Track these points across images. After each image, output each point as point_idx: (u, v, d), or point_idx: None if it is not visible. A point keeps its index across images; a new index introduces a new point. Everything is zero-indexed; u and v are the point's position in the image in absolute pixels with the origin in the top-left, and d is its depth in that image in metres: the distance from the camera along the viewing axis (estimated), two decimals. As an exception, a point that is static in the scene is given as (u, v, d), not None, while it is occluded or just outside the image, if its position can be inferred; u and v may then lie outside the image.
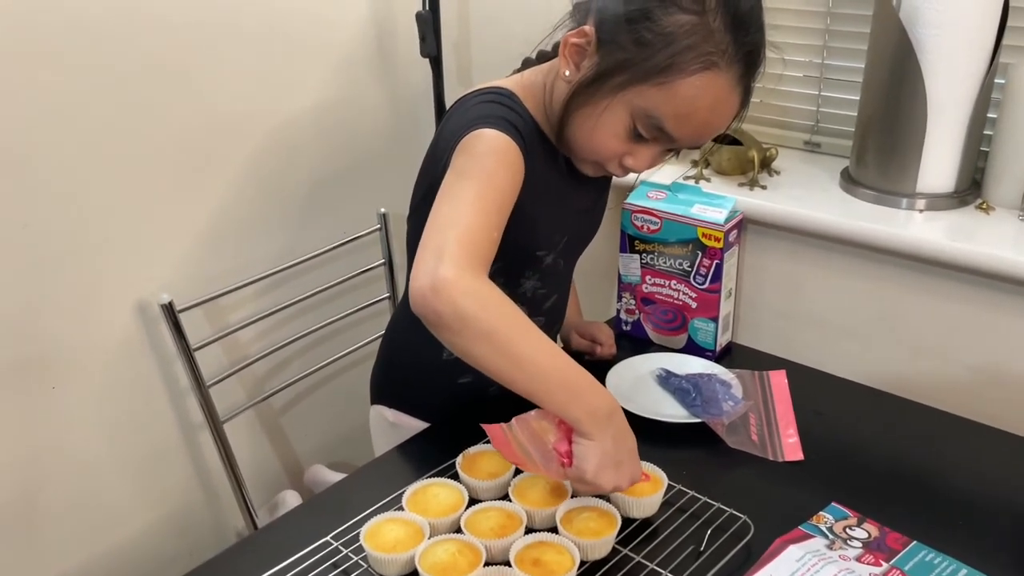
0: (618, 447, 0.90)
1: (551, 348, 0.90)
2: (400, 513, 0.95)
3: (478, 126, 0.98)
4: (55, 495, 1.37)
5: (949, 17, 1.23)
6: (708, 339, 1.35)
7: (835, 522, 0.98)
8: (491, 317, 0.86)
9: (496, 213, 0.93)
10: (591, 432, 0.89)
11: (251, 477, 1.57)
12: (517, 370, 0.88)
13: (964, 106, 1.29)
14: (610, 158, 1.03)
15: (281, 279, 1.59)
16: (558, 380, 0.89)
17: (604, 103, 0.97)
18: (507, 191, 0.95)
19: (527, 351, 0.88)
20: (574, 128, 1.01)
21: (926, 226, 1.30)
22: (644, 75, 0.94)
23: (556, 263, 1.17)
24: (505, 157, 0.96)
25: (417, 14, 1.59)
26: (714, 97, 0.95)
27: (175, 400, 1.50)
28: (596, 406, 0.90)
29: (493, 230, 0.92)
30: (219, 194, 1.48)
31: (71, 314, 1.33)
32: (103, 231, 1.33)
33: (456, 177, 0.95)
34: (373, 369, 1.32)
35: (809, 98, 1.56)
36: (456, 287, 0.85)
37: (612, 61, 0.95)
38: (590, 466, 0.89)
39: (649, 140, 1.00)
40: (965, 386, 1.32)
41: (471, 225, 0.89)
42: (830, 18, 1.48)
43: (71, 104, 1.25)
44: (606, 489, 0.91)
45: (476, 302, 0.85)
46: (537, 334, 0.89)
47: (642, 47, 0.93)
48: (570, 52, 0.99)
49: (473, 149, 0.96)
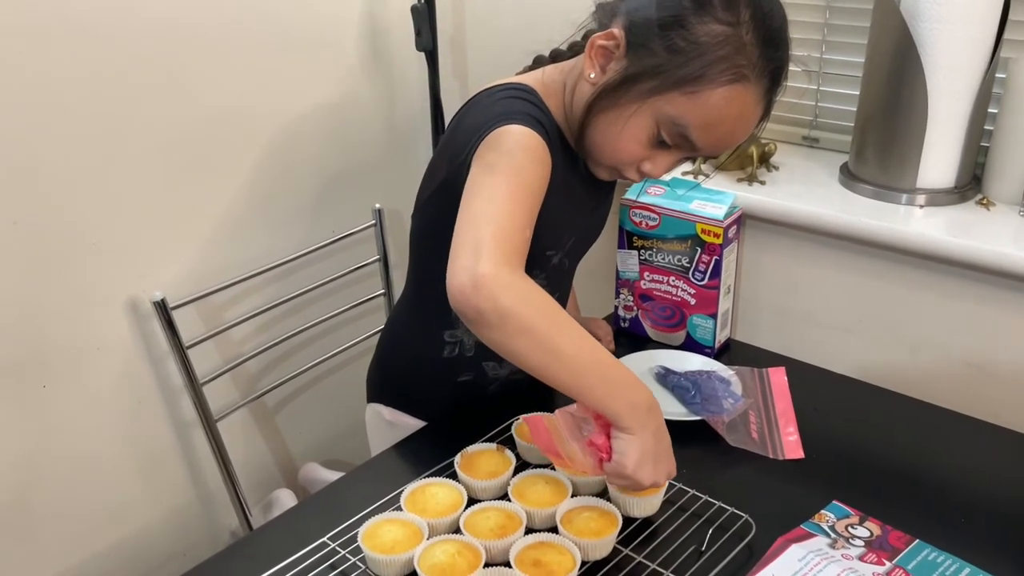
0: (658, 442, 0.90)
1: (591, 343, 0.89)
2: (398, 513, 0.94)
3: (504, 122, 0.96)
4: (47, 496, 1.36)
5: (950, 11, 1.22)
6: (707, 336, 1.34)
7: (837, 520, 0.97)
8: (531, 312, 0.86)
9: (528, 210, 0.92)
10: (632, 427, 0.88)
11: (245, 476, 1.56)
12: (558, 364, 0.87)
13: (965, 101, 1.28)
14: (630, 163, 1.01)
15: (275, 276, 1.58)
16: (599, 374, 0.88)
17: (631, 108, 0.96)
18: (537, 188, 0.94)
19: (567, 346, 0.87)
20: (596, 131, 1.00)
21: (926, 222, 1.29)
22: (675, 82, 0.93)
23: (562, 263, 1.16)
24: (535, 153, 0.95)
25: (412, 8, 1.58)
26: (741, 109, 0.95)
27: (168, 398, 1.48)
28: (636, 401, 0.89)
29: (526, 228, 0.91)
30: (212, 190, 1.47)
31: (62, 312, 1.31)
32: (95, 228, 1.32)
33: (486, 173, 0.93)
34: (370, 367, 1.30)
35: (808, 93, 1.54)
36: (496, 282, 0.84)
37: (642, 66, 0.94)
38: (630, 460, 0.88)
39: (671, 147, 0.99)
40: (966, 382, 1.31)
41: (505, 221, 0.88)
42: (829, 12, 1.47)
43: (62, 101, 1.24)
44: (644, 484, 0.90)
45: (516, 297, 0.85)
46: (577, 329, 0.88)
47: (674, 54, 0.92)
48: (596, 54, 0.98)
49: (502, 145, 0.95)
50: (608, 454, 0.90)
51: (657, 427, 0.91)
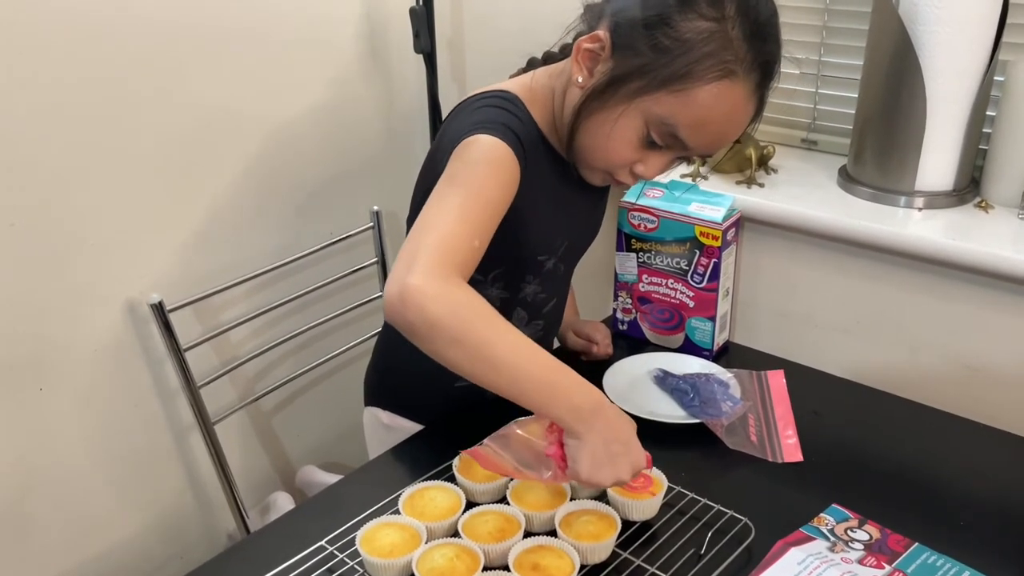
0: (609, 442, 0.88)
1: (529, 348, 0.87)
2: (396, 517, 0.94)
3: (476, 131, 0.96)
4: (43, 498, 1.35)
5: (949, 14, 1.22)
6: (705, 338, 1.34)
7: (836, 524, 0.97)
8: (462, 322, 0.84)
9: (480, 222, 0.91)
10: (577, 431, 0.87)
11: (242, 478, 1.56)
12: (493, 373, 0.86)
13: (963, 104, 1.28)
14: (621, 166, 1.01)
15: (273, 278, 1.58)
16: (537, 380, 0.87)
17: (619, 109, 0.95)
18: (495, 201, 0.93)
19: (502, 353, 0.86)
20: (586, 135, 0.99)
21: (925, 224, 1.29)
22: (662, 82, 0.92)
23: (557, 267, 1.16)
24: (499, 167, 0.95)
25: (411, 9, 1.58)
26: (731, 105, 0.94)
27: (165, 401, 1.48)
28: (578, 404, 0.88)
29: (474, 238, 0.90)
30: (209, 192, 1.46)
31: (59, 314, 1.31)
32: (92, 230, 1.31)
33: (445, 184, 0.93)
34: (367, 370, 1.30)
35: (807, 95, 1.55)
36: (423, 294, 0.83)
37: (628, 67, 0.93)
38: (583, 467, 0.87)
39: (662, 148, 0.98)
40: (965, 385, 1.31)
41: (449, 232, 0.88)
42: (828, 15, 1.47)
43: (59, 103, 1.23)
44: (607, 485, 0.89)
45: (445, 307, 0.84)
46: (513, 335, 0.87)
47: (660, 53, 0.91)
48: (583, 58, 0.97)
49: (467, 156, 0.95)
50: (564, 463, 0.89)
51: (605, 426, 0.88)
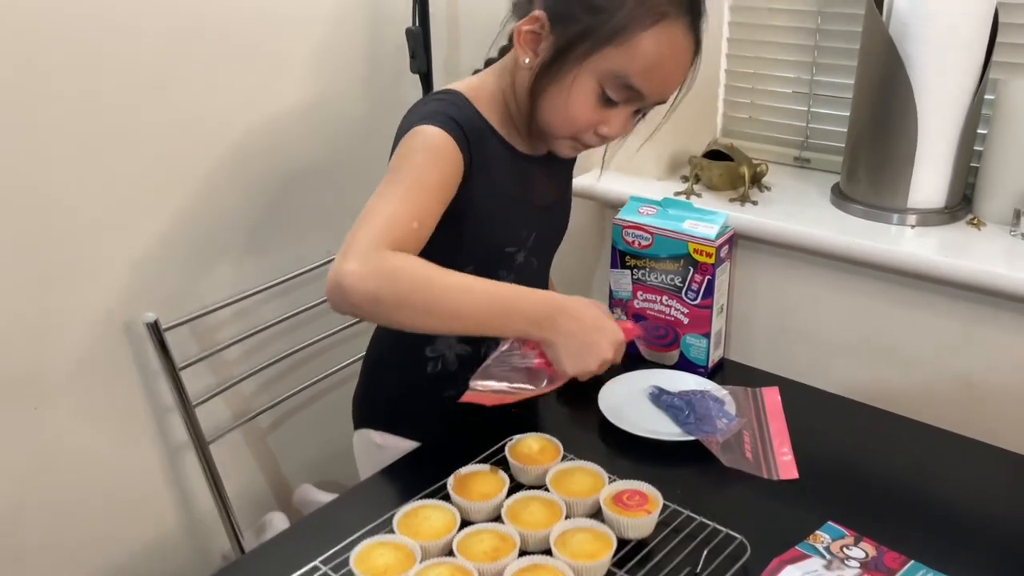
0: (579, 334, 0.94)
1: (468, 283, 0.93)
2: (390, 536, 0.93)
3: (418, 123, 1.00)
4: (37, 517, 1.35)
5: (939, 33, 1.24)
6: (700, 355, 1.34)
7: (832, 541, 0.97)
8: (400, 284, 0.89)
9: (418, 204, 0.95)
10: (545, 338, 0.94)
11: (237, 498, 1.55)
12: (447, 319, 0.93)
13: (954, 122, 1.29)
14: (585, 128, 1.05)
15: (269, 297, 1.58)
16: (487, 310, 0.93)
17: (572, 75, 1.00)
18: (434, 184, 0.97)
19: (446, 298, 0.91)
20: (546, 109, 1.03)
21: (917, 241, 1.30)
22: (606, 38, 0.97)
23: (529, 261, 1.18)
24: (438, 153, 0.99)
25: (407, 30, 1.59)
26: (672, 45, 0.99)
27: (160, 420, 1.47)
28: (533, 312, 0.94)
29: (412, 219, 0.93)
30: (205, 211, 1.46)
31: (54, 333, 1.30)
32: (87, 249, 1.32)
33: (387, 176, 0.98)
34: (355, 393, 1.30)
35: (799, 114, 1.56)
36: (357, 274, 0.87)
37: (570, 34, 0.98)
38: (567, 366, 0.95)
39: (619, 103, 1.02)
40: (959, 402, 1.31)
41: (386, 216, 0.92)
42: (819, 35, 1.49)
43: (56, 122, 1.24)
44: (595, 371, 0.96)
45: (379, 278, 0.88)
46: (452, 277, 0.92)
47: (597, 13, 0.97)
48: (525, 40, 1.02)
49: (407, 144, 0.99)
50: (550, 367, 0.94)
51: (569, 322, 0.94)
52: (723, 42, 1.60)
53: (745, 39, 1.58)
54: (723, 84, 1.63)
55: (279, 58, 1.51)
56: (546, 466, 1.06)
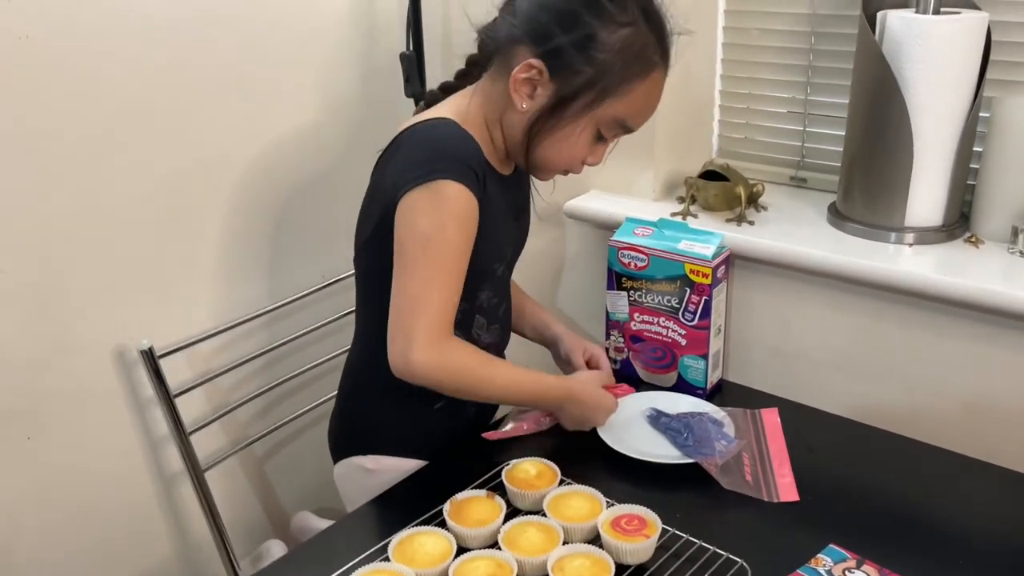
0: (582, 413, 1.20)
1: (513, 377, 1.15)
2: (386, 564, 0.92)
3: (439, 174, 1.03)
4: (31, 547, 1.33)
5: (932, 52, 1.24)
6: (698, 377, 1.33)
7: (834, 564, 0.95)
8: (461, 380, 1.08)
9: (457, 281, 1.06)
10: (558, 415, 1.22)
11: (233, 527, 1.53)
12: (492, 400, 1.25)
13: (950, 140, 1.28)
14: (576, 164, 1.13)
15: (263, 323, 1.57)
16: (521, 400, 1.21)
17: (574, 122, 1.06)
18: (466, 251, 1.07)
19: (495, 391, 1.15)
20: (543, 149, 1.10)
21: (915, 260, 1.29)
22: (610, 90, 1.04)
23: (504, 274, 1.24)
24: (465, 219, 1.05)
25: (401, 55, 1.59)
26: (659, 88, 1.09)
27: (155, 448, 1.46)
28: (555, 400, 1.19)
29: (454, 295, 1.06)
30: (199, 238, 1.46)
31: (48, 361, 1.30)
32: (81, 276, 1.31)
33: (418, 246, 1.04)
34: (332, 424, 1.29)
35: (794, 133, 1.56)
36: (426, 367, 1.03)
37: (574, 85, 1.04)
38: (567, 427, 1.22)
39: (609, 139, 1.12)
40: (959, 421, 1.30)
41: (436, 304, 1.03)
42: (812, 54, 1.49)
43: (47, 152, 1.23)
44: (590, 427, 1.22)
45: (445, 374, 1.06)
46: (499, 371, 1.14)
47: (599, 67, 1.03)
48: (520, 86, 1.06)
49: (434, 211, 1.03)
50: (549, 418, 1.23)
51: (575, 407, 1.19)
52: (717, 63, 1.60)
53: (739, 60, 1.58)
54: (718, 104, 1.63)
55: (273, 86, 1.51)
56: (543, 491, 1.05)
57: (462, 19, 1.69)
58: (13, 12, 1.16)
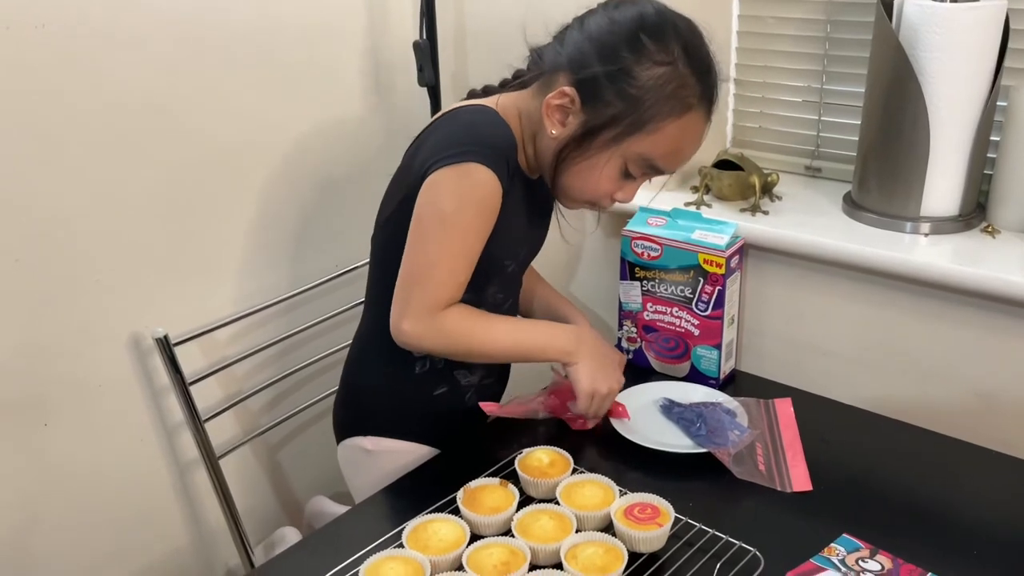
0: (598, 359, 1.15)
1: (506, 329, 1.14)
2: (400, 551, 0.93)
3: (470, 157, 1.03)
4: (46, 534, 1.34)
5: (949, 40, 1.23)
6: (711, 367, 1.33)
7: (847, 554, 0.95)
8: (453, 341, 1.09)
9: (466, 264, 1.07)
10: (571, 360, 1.13)
11: (247, 513, 1.54)
12: (495, 358, 1.21)
13: (967, 129, 1.27)
14: (603, 198, 1.12)
15: (278, 311, 1.57)
16: (527, 348, 1.15)
17: (600, 154, 1.06)
18: (483, 233, 1.07)
19: (494, 348, 1.13)
20: (569, 176, 1.10)
21: (931, 250, 1.28)
22: (638, 126, 1.04)
23: (515, 272, 1.24)
24: (488, 206, 1.06)
25: (414, 43, 1.59)
26: (695, 132, 1.08)
27: (170, 436, 1.47)
28: (562, 345, 1.14)
29: (460, 276, 1.07)
30: (214, 226, 1.47)
31: (64, 349, 1.31)
32: (97, 265, 1.32)
33: (435, 224, 1.05)
34: (336, 404, 1.30)
35: (809, 123, 1.55)
36: (413, 335, 1.07)
37: (603, 117, 1.04)
38: (584, 384, 1.13)
39: (638, 177, 1.10)
40: (974, 412, 1.29)
41: (437, 280, 1.05)
42: (828, 43, 1.48)
43: (63, 138, 1.24)
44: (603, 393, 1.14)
45: (433, 340, 1.08)
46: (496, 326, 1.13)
47: (629, 101, 1.03)
48: (553, 112, 1.07)
49: (458, 191, 1.04)
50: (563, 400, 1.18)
51: (591, 347, 1.15)
52: (732, 52, 1.59)
53: (754, 48, 1.57)
54: (732, 93, 1.62)
55: (287, 75, 1.51)
56: (556, 479, 1.05)
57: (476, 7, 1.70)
58: (29, 1, 1.17)
